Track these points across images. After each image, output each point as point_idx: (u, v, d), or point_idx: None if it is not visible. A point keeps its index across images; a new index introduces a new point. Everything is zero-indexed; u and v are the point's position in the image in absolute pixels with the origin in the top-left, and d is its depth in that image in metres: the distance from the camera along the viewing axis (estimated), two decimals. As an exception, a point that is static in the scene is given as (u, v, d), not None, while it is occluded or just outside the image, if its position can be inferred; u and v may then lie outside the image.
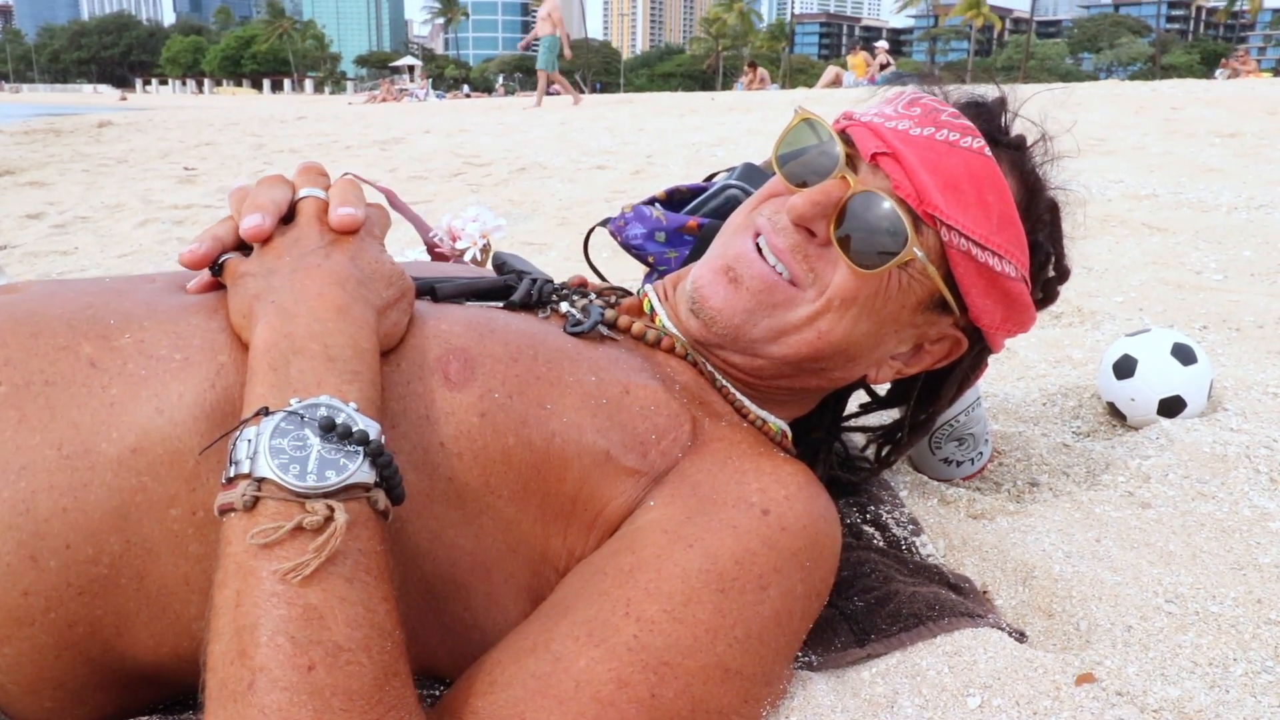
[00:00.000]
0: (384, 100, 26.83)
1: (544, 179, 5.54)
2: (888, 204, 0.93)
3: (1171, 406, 1.50)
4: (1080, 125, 1.06)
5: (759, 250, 0.98)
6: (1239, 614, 1.00)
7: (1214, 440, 1.38)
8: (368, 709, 0.65)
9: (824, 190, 0.94)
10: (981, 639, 0.94)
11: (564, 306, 1.04)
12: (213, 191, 5.47)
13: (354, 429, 0.71)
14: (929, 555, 1.16)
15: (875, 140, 0.96)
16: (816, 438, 1.24)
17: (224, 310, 0.86)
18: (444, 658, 0.87)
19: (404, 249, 2.63)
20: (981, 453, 1.40)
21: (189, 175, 6.38)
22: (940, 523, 1.23)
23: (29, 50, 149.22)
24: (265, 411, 0.72)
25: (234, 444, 0.72)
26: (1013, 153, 1.03)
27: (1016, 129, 1.06)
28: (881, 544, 1.19)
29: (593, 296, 1.09)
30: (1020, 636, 0.98)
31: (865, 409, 1.26)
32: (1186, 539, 1.16)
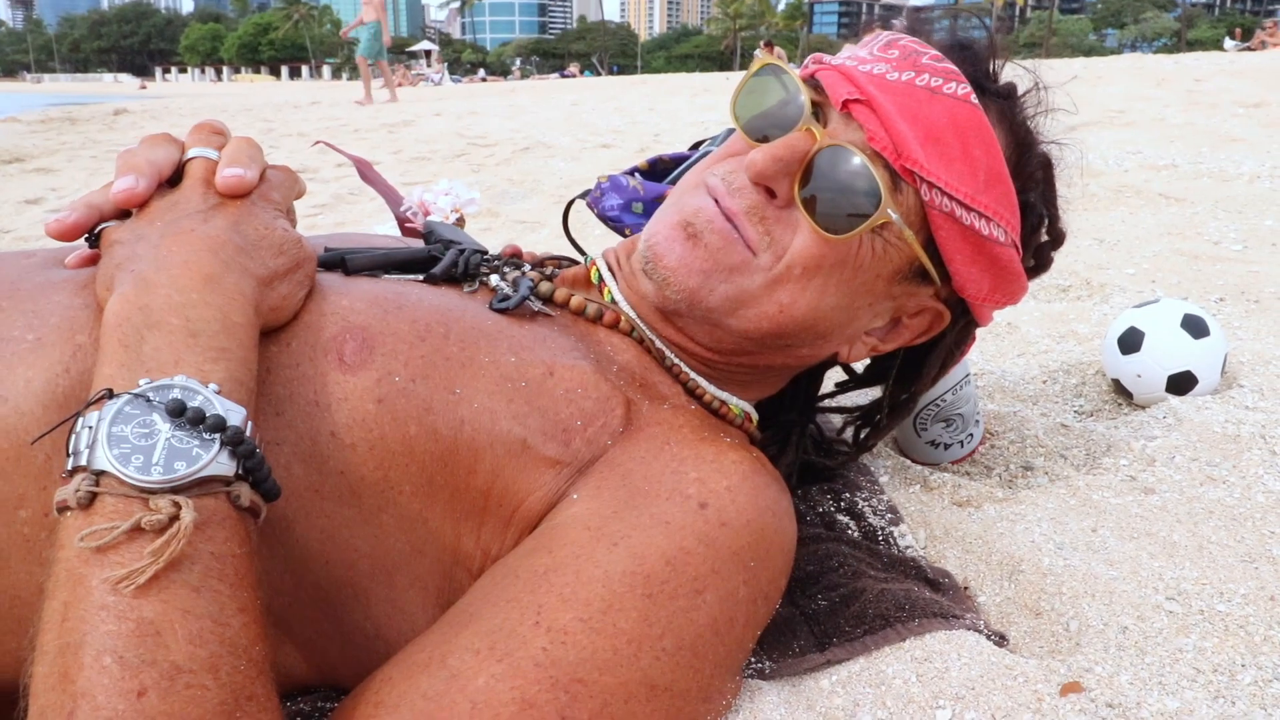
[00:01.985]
0: (400, 84, 26.76)
1: (547, 158, 5.43)
2: (859, 159, 0.82)
3: (1181, 383, 1.38)
4: (1099, 98, 0.95)
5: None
6: (1249, 613, 0.90)
7: (1226, 419, 1.26)
8: None
9: (787, 144, 0.84)
10: (955, 643, 0.84)
11: (493, 280, 0.94)
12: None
13: (209, 414, 0.62)
14: (907, 547, 1.06)
15: (847, 85, 0.86)
16: (788, 420, 1.14)
17: (94, 285, 0.77)
18: (345, 670, 0.78)
19: (374, 224, 2.54)
20: (972, 434, 1.29)
21: (192, 160, 6.31)
22: (922, 511, 1.13)
23: (50, 40, 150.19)
24: (109, 394, 0.63)
25: (74, 432, 0.63)
26: (1001, 102, 0.92)
27: (1007, 76, 0.95)
28: (856, 535, 1.08)
29: (526, 268, 0.98)
30: (1000, 639, 0.88)
31: (842, 388, 1.16)
32: (1192, 528, 1.04)
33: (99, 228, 0.80)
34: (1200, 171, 3.34)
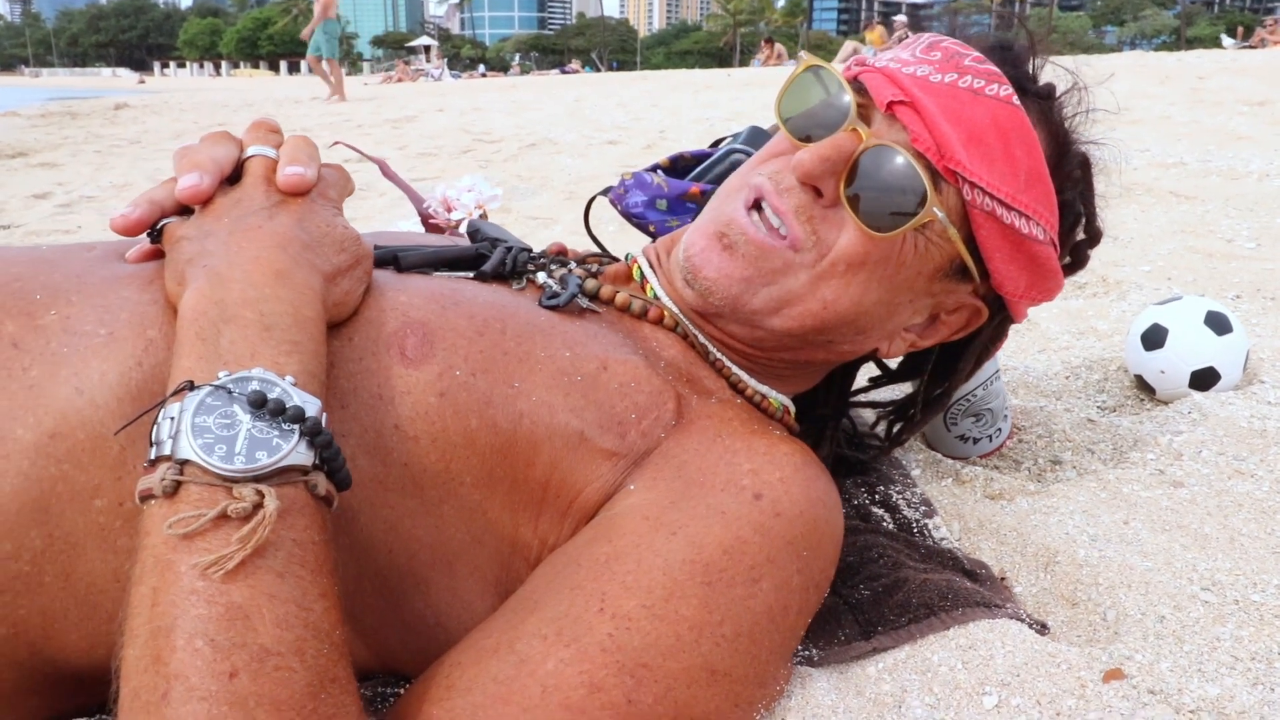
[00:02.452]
0: (400, 80, 26.74)
1: (554, 155, 5.45)
2: (904, 159, 0.84)
3: (1204, 379, 1.40)
4: (1103, 96, 0.97)
5: (759, 212, 0.89)
6: (1283, 604, 0.91)
7: (1251, 415, 1.28)
8: (299, 719, 0.57)
9: (833, 144, 0.85)
10: (999, 631, 0.86)
11: (540, 277, 0.96)
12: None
13: (288, 405, 0.64)
14: (942, 539, 1.07)
15: (891, 88, 0.87)
16: (822, 414, 1.15)
17: (160, 281, 0.78)
18: (404, 657, 0.80)
19: (397, 221, 2.56)
20: (1000, 429, 1.31)
21: (198, 155, 6.32)
22: (955, 504, 1.14)
23: (48, 34, 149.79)
24: (190, 385, 0.64)
25: (156, 422, 0.64)
26: (1041, 102, 0.93)
27: (1046, 77, 0.96)
28: (891, 527, 1.10)
29: (572, 265, 1.00)
30: (1041, 628, 0.90)
31: (875, 383, 1.18)
32: (1223, 521, 1.06)
33: (160, 223, 0.82)
34: (1209, 169, 3.36)
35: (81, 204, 4.43)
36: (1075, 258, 1.01)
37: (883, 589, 0.93)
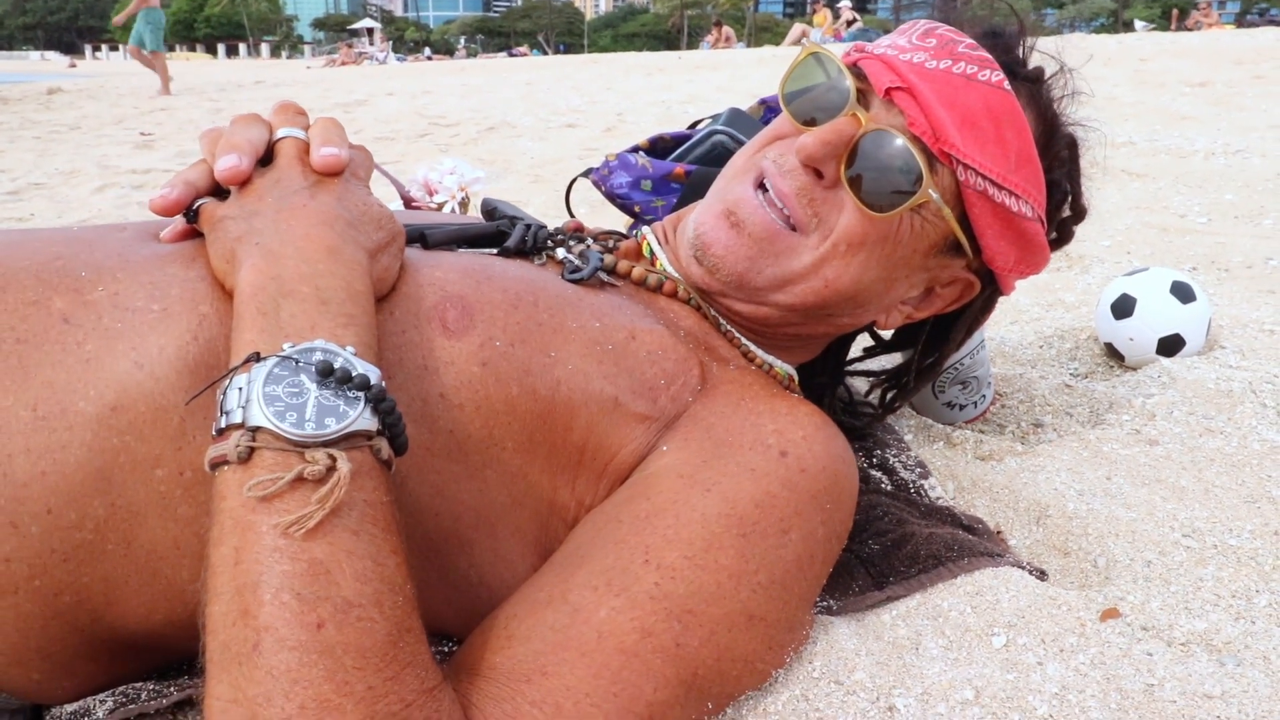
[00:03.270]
0: (343, 64, 26.28)
1: (514, 138, 5.44)
2: (901, 142, 0.88)
3: (1171, 345, 1.49)
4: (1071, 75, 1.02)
5: (764, 193, 0.94)
6: (1258, 546, 0.99)
7: (1217, 377, 1.36)
8: (382, 666, 0.61)
9: (834, 129, 0.89)
10: (1003, 578, 0.92)
11: (560, 253, 0.99)
12: (172, 156, 5.31)
13: (354, 373, 0.67)
14: (939, 498, 1.13)
15: (889, 74, 0.92)
16: (820, 382, 1.21)
17: (202, 258, 0.80)
18: (449, 615, 0.83)
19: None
20: (985, 395, 1.37)
21: (146, 140, 6.20)
22: (948, 465, 1.21)
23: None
24: (256, 357, 0.67)
25: (223, 393, 0.67)
26: (1031, 85, 0.99)
27: (1034, 61, 1.01)
28: (890, 488, 1.16)
29: (589, 241, 1.04)
30: (1041, 575, 0.96)
31: (869, 353, 1.23)
32: (1197, 474, 1.14)
33: (196, 204, 0.84)
34: (1157, 148, 3.48)
35: (30, 191, 4.33)
36: (1061, 233, 1.07)
37: (891, 543, 0.99)
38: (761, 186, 0.94)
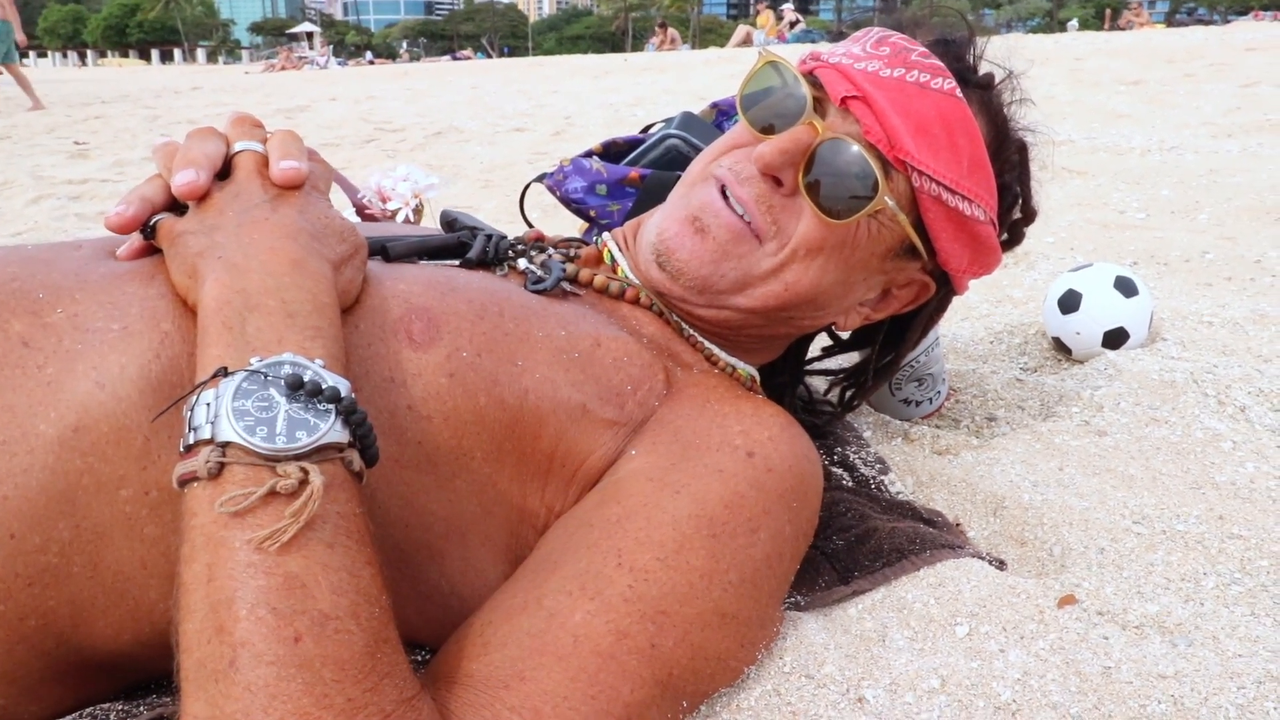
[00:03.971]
0: (283, 69, 25.89)
1: (462, 143, 5.41)
2: (858, 150, 0.90)
3: (1115, 338, 1.53)
4: (1024, 78, 1.05)
5: (725, 200, 0.95)
6: (1204, 530, 1.03)
7: (1160, 368, 1.41)
8: (361, 678, 0.61)
9: (792, 137, 0.91)
10: (964, 569, 0.94)
11: (521, 263, 1.00)
12: (109, 165, 5.19)
13: (324, 386, 0.67)
14: (899, 493, 1.16)
15: (844, 82, 0.93)
16: (780, 382, 1.22)
17: (161, 275, 0.79)
18: (421, 625, 0.83)
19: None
20: (939, 391, 1.40)
21: (80, 149, 6.04)
22: (906, 460, 1.23)
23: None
24: (224, 372, 0.67)
25: (190, 409, 0.66)
26: (981, 92, 1.01)
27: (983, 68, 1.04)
28: (850, 484, 1.18)
29: (551, 251, 1.04)
30: (1000, 565, 0.99)
31: (827, 352, 1.25)
32: (1145, 463, 1.18)
33: (153, 220, 0.82)
34: (1095, 146, 3.58)
35: (-39, 203, 4.20)
36: (1012, 235, 1.10)
37: (855, 538, 1.01)
38: (722, 194, 0.95)
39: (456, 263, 0.98)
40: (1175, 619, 0.89)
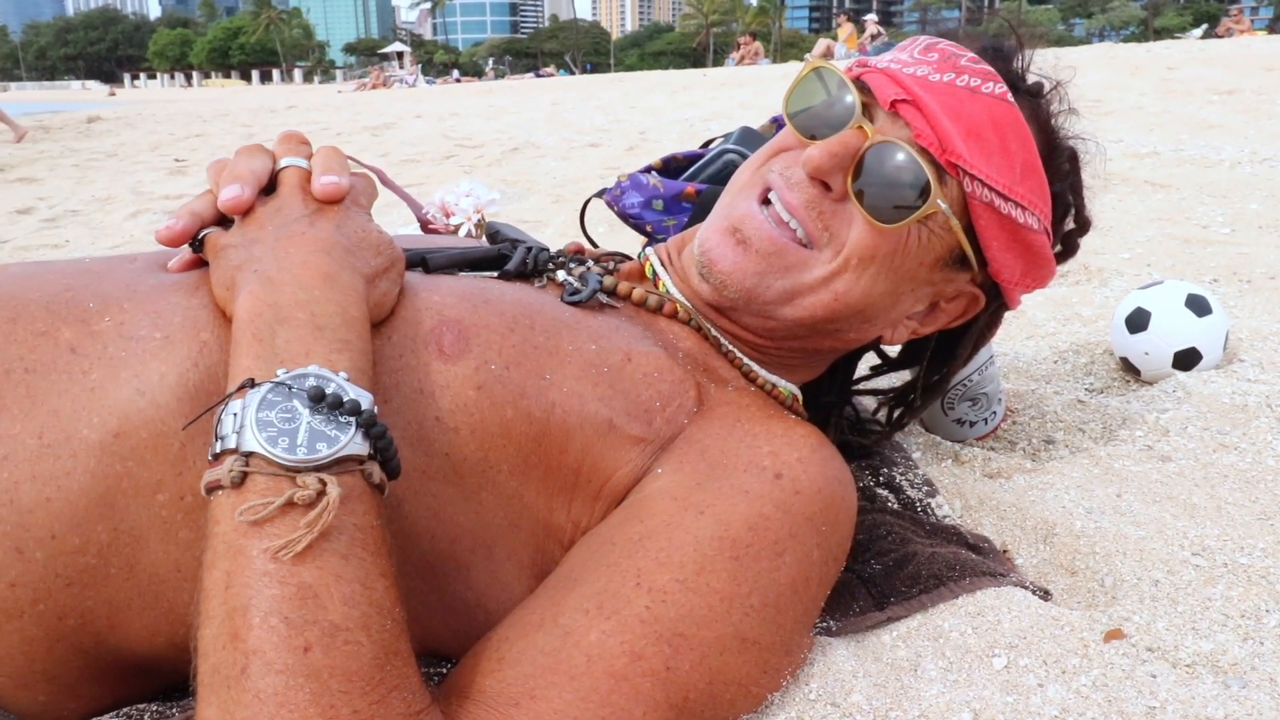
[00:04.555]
0: (374, 87, 26.68)
1: (538, 158, 5.49)
2: (909, 154, 0.88)
3: (1187, 359, 1.47)
4: (1076, 87, 1.02)
5: (768, 207, 0.94)
6: (1269, 564, 0.97)
7: (1233, 391, 1.34)
8: (368, 690, 0.62)
9: (841, 141, 0.90)
10: (1005, 598, 0.91)
11: (560, 275, 1.00)
12: (204, 181, 5.39)
13: (345, 399, 0.68)
14: (945, 516, 1.13)
15: (894, 87, 0.92)
16: (827, 402, 1.20)
17: (205, 287, 0.82)
18: (447, 638, 0.84)
19: (396, 228, 2.58)
20: (995, 412, 1.36)
21: (179, 166, 6.33)
22: (956, 483, 1.20)
23: (15, 48, 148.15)
24: (251, 383, 0.69)
25: (219, 418, 0.68)
26: (1031, 100, 0.98)
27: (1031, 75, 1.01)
28: (896, 506, 1.15)
29: (590, 264, 1.05)
30: (1044, 595, 0.95)
31: (876, 371, 1.23)
32: (1210, 491, 1.12)
33: (202, 234, 0.86)
34: (1182, 158, 3.44)
35: (67, 218, 4.43)
36: (1066, 246, 1.06)
37: (893, 563, 0.98)
38: (766, 201, 0.94)
39: (495, 274, 0.99)
40: (1231, 658, 0.85)
